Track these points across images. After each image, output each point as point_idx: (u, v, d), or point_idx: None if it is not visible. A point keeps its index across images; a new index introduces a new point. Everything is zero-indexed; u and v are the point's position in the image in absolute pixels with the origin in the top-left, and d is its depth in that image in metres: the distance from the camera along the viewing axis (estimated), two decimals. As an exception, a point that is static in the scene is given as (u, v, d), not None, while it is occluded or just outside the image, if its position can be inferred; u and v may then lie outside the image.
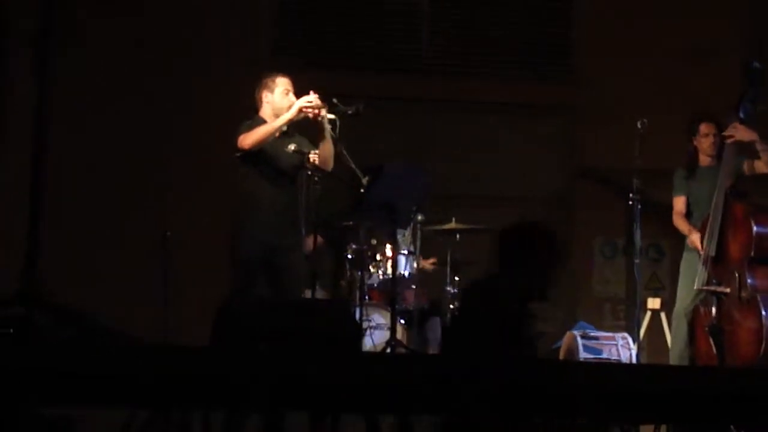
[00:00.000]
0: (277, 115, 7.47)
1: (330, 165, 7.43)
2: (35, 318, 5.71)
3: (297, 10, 10.49)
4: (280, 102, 7.50)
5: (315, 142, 7.45)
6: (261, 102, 7.61)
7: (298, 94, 7.49)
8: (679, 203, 8.28)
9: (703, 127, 8.27)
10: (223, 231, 7.69)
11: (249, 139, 7.33)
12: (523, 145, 10.50)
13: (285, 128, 7.46)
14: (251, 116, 7.60)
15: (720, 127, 8.15)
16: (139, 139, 9.71)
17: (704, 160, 8.26)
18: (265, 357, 4.73)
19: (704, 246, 7.73)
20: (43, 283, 6.11)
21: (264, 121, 7.49)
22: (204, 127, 9.54)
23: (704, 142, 8.25)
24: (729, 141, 7.73)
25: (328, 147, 7.39)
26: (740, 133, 7.71)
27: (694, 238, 7.94)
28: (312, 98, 7.32)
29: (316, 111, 7.32)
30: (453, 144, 10.38)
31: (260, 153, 7.37)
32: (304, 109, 7.32)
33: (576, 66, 10.65)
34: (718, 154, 8.11)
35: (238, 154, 7.38)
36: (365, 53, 10.50)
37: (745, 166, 7.92)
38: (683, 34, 10.32)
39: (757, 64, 7.75)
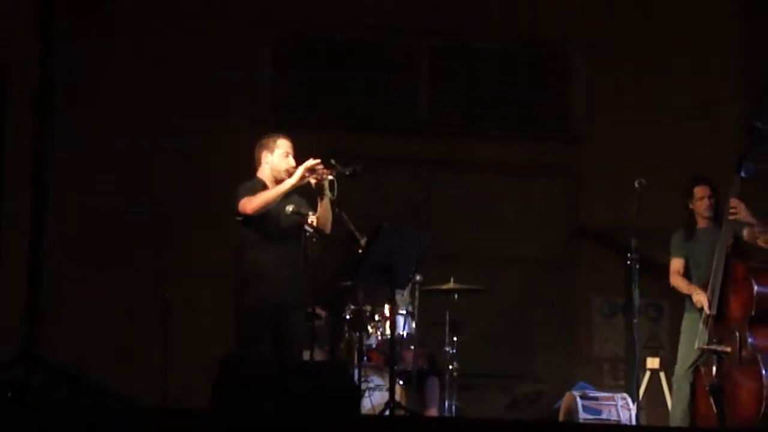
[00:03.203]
0: (275, 177, 7.46)
1: (328, 227, 7.43)
2: (33, 381, 5.70)
3: (295, 69, 10.52)
4: (279, 164, 7.50)
5: (313, 203, 7.45)
6: (260, 162, 7.60)
7: (298, 156, 7.49)
8: (677, 264, 8.27)
9: (698, 191, 8.28)
10: (224, 290, 7.67)
11: (252, 204, 7.32)
12: (521, 204, 10.51)
13: None
14: (250, 175, 7.59)
15: (714, 189, 8.18)
16: (138, 198, 9.72)
17: (702, 222, 8.26)
18: (268, 419, 4.73)
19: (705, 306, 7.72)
20: (41, 345, 6.10)
21: (263, 183, 7.49)
22: (203, 185, 9.56)
23: (700, 205, 8.26)
24: (730, 218, 7.73)
25: (326, 210, 7.39)
26: (742, 213, 7.71)
27: (699, 296, 7.88)
28: (316, 162, 7.31)
29: (320, 176, 7.31)
30: (451, 204, 10.39)
31: (262, 216, 7.36)
32: (307, 175, 7.31)
33: (574, 125, 10.68)
34: (715, 216, 8.14)
35: (240, 219, 7.38)
36: (364, 112, 10.52)
37: (746, 233, 7.90)
38: (681, 93, 10.37)
39: (758, 124, 7.78)
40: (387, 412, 7.44)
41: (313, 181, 7.34)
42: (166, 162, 9.78)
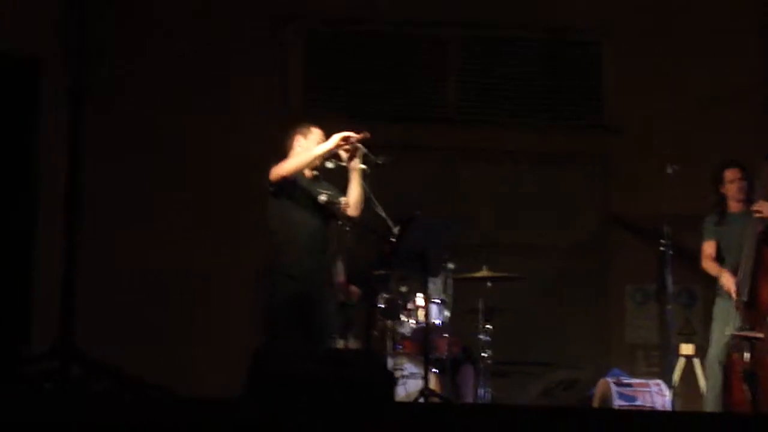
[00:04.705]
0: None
1: (359, 210, 7.45)
2: (71, 372, 5.74)
3: (326, 62, 10.56)
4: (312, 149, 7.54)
5: (342, 190, 7.48)
6: (293, 147, 7.62)
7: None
8: (709, 247, 8.24)
9: (729, 174, 8.25)
10: (252, 276, 7.71)
11: (285, 166, 7.34)
12: (553, 192, 10.50)
13: (316, 173, 7.49)
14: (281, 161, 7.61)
15: (745, 171, 8.15)
16: (172, 187, 9.79)
17: (733, 206, 8.23)
18: (303, 408, 4.75)
19: (737, 290, 7.70)
20: (77, 336, 6.15)
21: None
22: (234, 174, 9.61)
23: (731, 188, 8.22)
24: (756, 215, 7.70)
25: (357, 191, 7.42)
26: (767, 212, 7.68)
27: (726, 279, 7.88)
28: (351, 133, 7.34)
29: (353, 149, 7.32)
30: (484, 192, 10.40)
31: (296, 189, 7.38)
32: (342, 144, 7.32)
33: (606, 113, 10.67)
34: (747, 198, 8.10)
35: (272, 189, 7.39)
36: (394, 104, 10.55)
37: None
38: (711, 79, 10.34)
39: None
40: (421, 400, 7.47)
41: (345, 155, 7.36)
42: (197, 152, 9.84)
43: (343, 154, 7.38)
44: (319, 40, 10.57)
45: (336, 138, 7.34)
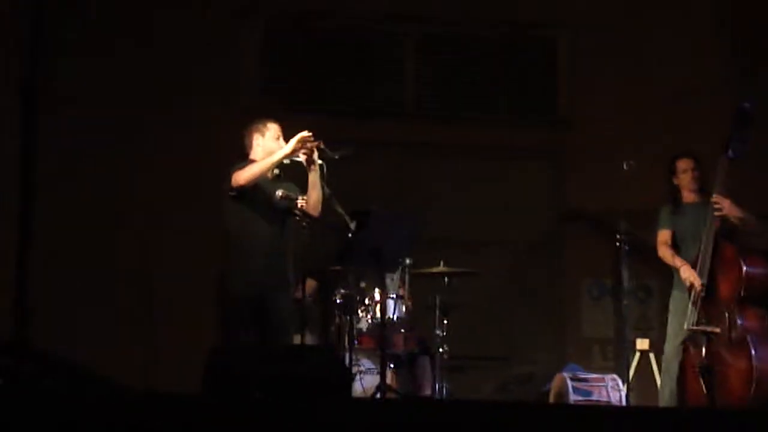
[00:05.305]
0: (268, 158, 7.46)
1: (318, 209, 7.42)
2: (23, 369, 5.69)
3: (281, 55, 10.52)
4: (271, 146, 7.50)
5: (303, 187, 7.45)
6: (252, 145, 7.59)
7: (286, 140, 7.49)
8: (665, 235, 8.21)
9: (681, 164, 8.27)
10: (209, 275, 7.68)
11: (245, 174, 7.30)
12: (510, 188, 10.52)
13: (277, 172, 7.47)
14: (240, 158, 7.58)
15: (697, 161, 8.18)
16: (125, 185, 9.73)
17: (687, 196, 8.25)
18: (259, 404, 4.73)
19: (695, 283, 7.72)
20: (30, 332, 6.10)
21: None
22: (188, 171, 9.56)
23: (684, 178, 8.25)
24: (716, 213, 7.72)
25: (316, 193, 7.39)
26: (727, 209, 7.70)
27: (689, 274, 7.85)
28: (309, 134, 7.31)
29: (312, 149, 7.30)
30: (440, 188, 10.40)
31: (255, 192, 7.35)
32: (299, 147, 7.30)
33: (562, 109, 10.70)
34: (700, 188, 8.13)
35: (233, 193, 7.36)
36: (350, 98, 10.54)
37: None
38: (668, 76, 10.39)
39: (746, 105, 7.77)
40: (378, 396, 7.47)
41: (303, 157, 7.34)
42: (151, 150, 9.78)
43: (302, 156, 7.35)
44: (276, 35, 10.53)
45: (293, 141, 7.31)
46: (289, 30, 10.55)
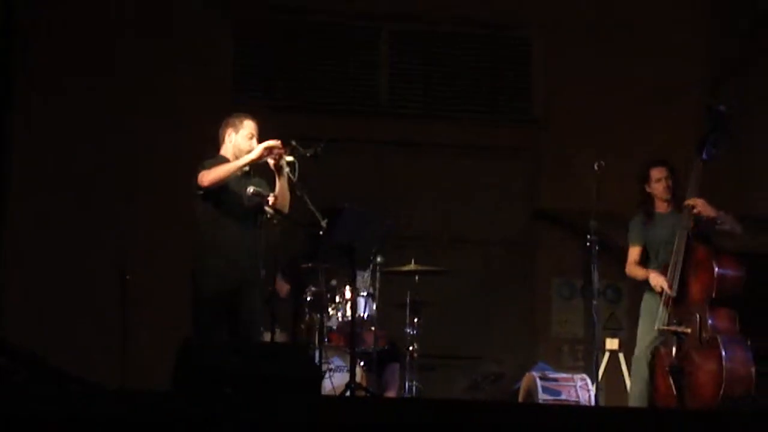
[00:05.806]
0: (237, 156, 7.42)
1: (287, 208, 7.40)
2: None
3: (256, 53, 10.51)
4: (242, 144, 7.46)
5: (273, 183, 7.43)
6: (224, 140, 7.56)
7: (261, 138, 7.46)
8: (634, 253, 8.13)
9: (655, 172, 8.14)
10: (182, 272, 7.64)
11: (210, 176, 7.28)
12: (482, 187, 10.53)
13: (246, 169, 7.44)
14: (213, 154, 7.55)
15: (671, 170, 8.12)
16: (100, 180, 9.69)
17: (660, 205, 8.13)
18: (229, 401, 4.72)
19: (669, 285, 7.72)
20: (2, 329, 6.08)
21: (226, 160, 7.45)
22: (164, 169, 9.53)
23: (657, 187, 8.12)
24: (693, 211, 7.69)
25: (284, 190, 7.37)
26: (701, 208, 7.68)
27: (658, 279, 7.82)
28: (276, 143, 7.28)
29: (278, 156, 7.28)
30: (412, 186, 10.41)
31: (223, 191, 7.33)
32: (266, 154, 7.28)
33: (535, 108, 10.72)
34: (673, 198, 8.08)
35: (200, 192, 7.34)
36: (324, 95, 10.54)
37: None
38: (642, 77, 10.42)
39: (721, 107, 7.75)
40: (347, 394, 7.46)
41: (271, 161, 7.31)
42: (126, 145, 9.75)
43: (270, 161, 7.33)
44: (250, 31, 10.51)
45: (260, 148, 7.28)
46: (263, 26, 10.53)
